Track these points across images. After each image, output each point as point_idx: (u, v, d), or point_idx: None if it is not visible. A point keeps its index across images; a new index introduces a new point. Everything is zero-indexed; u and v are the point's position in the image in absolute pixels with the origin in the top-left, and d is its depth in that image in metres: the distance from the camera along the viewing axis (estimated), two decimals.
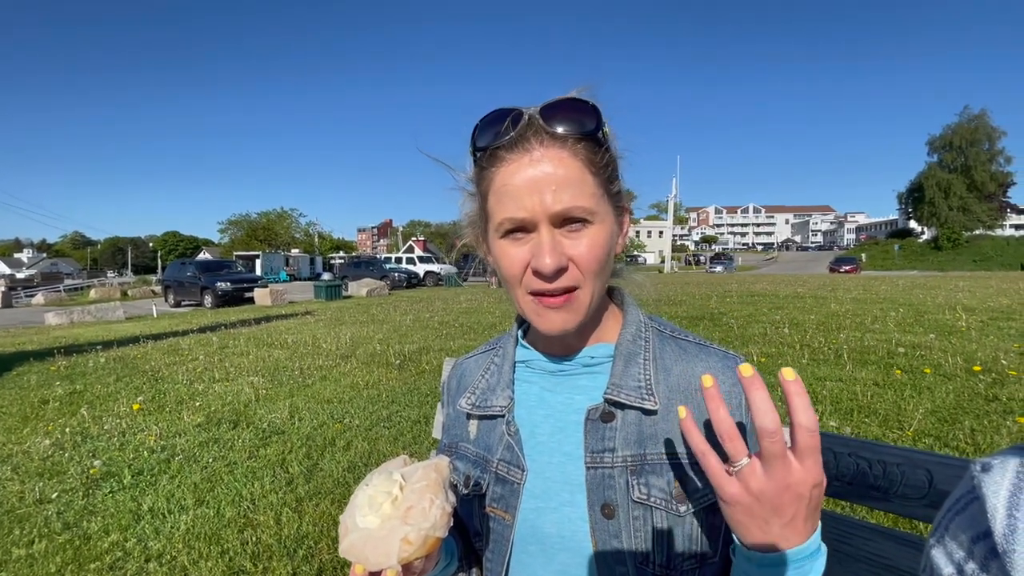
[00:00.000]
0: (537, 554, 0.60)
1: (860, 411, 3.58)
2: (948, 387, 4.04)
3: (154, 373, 5.76)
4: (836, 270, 35.78)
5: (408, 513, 0.45)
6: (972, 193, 47.07)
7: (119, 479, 2.97)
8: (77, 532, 2.42)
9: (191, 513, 2.55)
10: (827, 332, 6.83)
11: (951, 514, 0.38)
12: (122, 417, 4.14)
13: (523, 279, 0.56)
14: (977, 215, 47.31)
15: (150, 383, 5.30)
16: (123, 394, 4.87)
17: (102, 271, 79.60)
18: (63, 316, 12.65)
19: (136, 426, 3.91)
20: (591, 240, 0.54)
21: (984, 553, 0.34)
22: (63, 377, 5.67)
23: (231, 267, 19.66)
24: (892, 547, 0.80)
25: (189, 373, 5.68)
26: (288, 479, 2.92)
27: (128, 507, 2.64)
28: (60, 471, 3.11)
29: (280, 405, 4.35)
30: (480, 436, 0.68)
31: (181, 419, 4.05)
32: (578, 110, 0.55)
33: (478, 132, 0.57)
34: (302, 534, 2.35)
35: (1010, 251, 42.78)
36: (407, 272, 24.82)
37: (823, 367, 4.87)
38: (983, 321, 7.32)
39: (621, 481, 0.57)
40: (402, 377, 5.27)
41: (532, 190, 0.52)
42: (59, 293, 27.43)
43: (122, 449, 3.45)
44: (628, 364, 0.61)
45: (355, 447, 3.36)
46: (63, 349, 7.48)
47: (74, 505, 2.68)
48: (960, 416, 3.40)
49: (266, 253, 39.62)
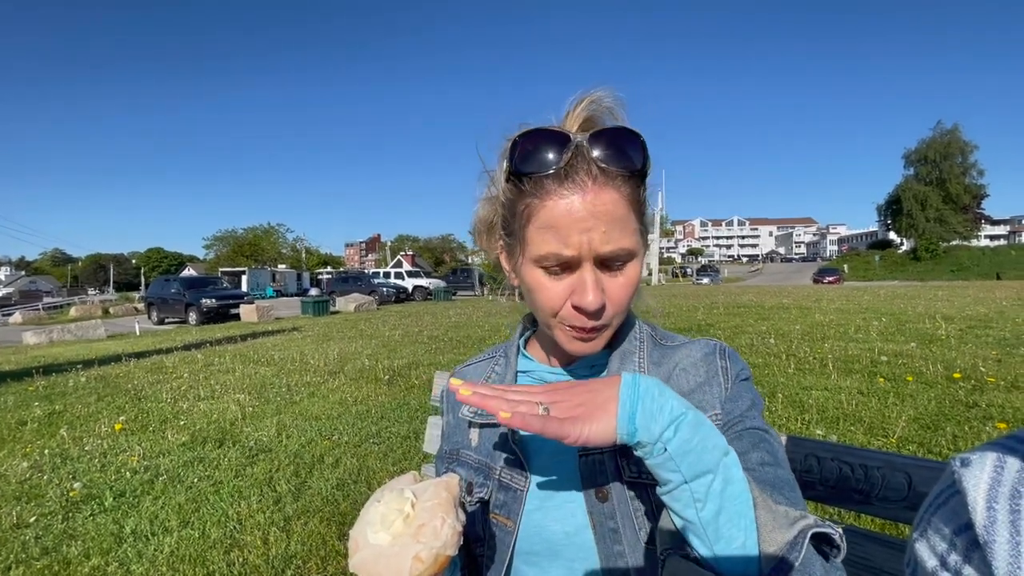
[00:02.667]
0: (544, 553, 0.61)
1: (846, 419, 3.63)
2: (930, 394, 4.12)
3: (137, 392, 5.64)
4: (820, 281, 36.37)
5: (420, 531, 0.46)
6: (947, 205, 48.40)
7: (100, 501, 2.89)
8: (56, 557, 2.34)
9: (175, 535, 2.49)
10: (812, 342, 6.94)
11: (933, 508, 0.40)
12: (103, 437, 4.04)
13: (560, 312, 0.57)
14: (953, 226, 48.60)
15: (133, 402, 5.19)
16: (104, 414, 4.76)
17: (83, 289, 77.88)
18: (42, 335, 12.35)
19: (118, 446, 3.82)
20: (628, 278, 0.56)
21: (966, 544, 0.36)
22: (42, 397, 5.53)
23: (216, 283, 19.41)
24: (876, 549, 0.82)
25: (173, 391, 5.57)
26: (276, 498, 2.87)
27: (110, 530, 2.57)
28: (38, 494, 3.02)
29: (267, 423, 4.28)
30: (482, 443, 0.69)
31: (165, 438, 3.97)
32: (629, 143, 0.53)
33: (519, 154, 0.54)
34: (290, 554, 2.30)
35: (985, 261, 43.93)
36: (396, 287, 24.69)
37: (809, 376, 4.94)
38: (962, 329, 7.49)
39: (611, 465, 0.59)
40: (391, 392, 5.22)
41: (581, 229, 0.52)
42: (38, 311, 26.80)
43: (103, 470, 3.37)
44: (623, 362, 0.64)
45: (344, 464, 3.31)
46: (41, 369, 7.29)
47: (53, 529, 2.60)
48: (942, 422, 3.46)
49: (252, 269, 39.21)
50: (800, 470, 0.90)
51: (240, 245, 53.08)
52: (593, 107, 0.57)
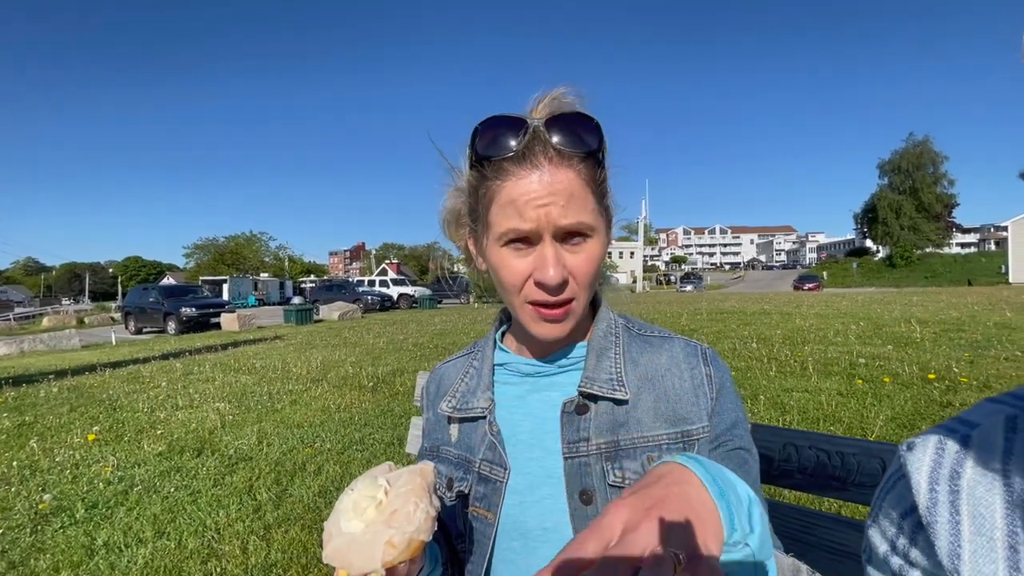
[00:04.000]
0: (519, 550, 0.60)
1: (826, 420, 3.69)
2: (906, 395, 4.22)
3: (112, 402, 5.49)
4: (800, 288, 37.04)
5: (393, 517, 0.45)
6: (920, 214, 49.84)
7: (71, 513, 2.80)
8: (23, 571, 2.25)
9: (150, 546, 2.42)
10: (793, 346, 7.06)
11: (883, 493, 0.40)
12: (76, 448, 3.92)
13: (523, 289, 0.58)
14: (926, 234, 50.02)
15: (107, 412, 5.04)
16: (77, 424, 4.61)
17: (56, 298, 75.77)
18: (12, 345, 11.96)
19: (91, 457, 3.71)
20: (589, 254, 0.57)
21: (912, 527, 0.37)
22: (11, 409, 5.34)
23: (197, 292, 19.02)
24: (851, 534, 0.84)
25: (150, 401, 5.43)
26: (256, 506, 2.80)
27: (81, 542, 2.48)
28: (6, 507, 2.91)
29: (248, 431, 4.20)
30: (461, 438, 0.68)
31: (141, 448, 3.86)
32: (583, 127, 0.55)
33: (480, 140, 0.57)
34: (270, 562, 2.25)
35: (957, 268, 45.24)
36: (380, 295, 24.51)
37: (790, 379, 5.02)
38: (936, 333, 7.69)
39: (597, 468, 0.59)
40: (375, 400, 5.16)
41: (538, 205, 0.53)
42: (8, 322, 26.02)
43: (75, 482, 3.26)
44: (600, 359, 0.64)
45: (326, 471, 3.26)
46: (11, 380, 7.06)
47: (20, 543, 2.50)
48: (918, 422, 3.54)
49: (234, 277, 38.57)
50: (779, 459, 0.91)
51: (221, 254, 52.22)
52: (556, 103, 0.58)
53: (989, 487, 0.34)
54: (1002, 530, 0.32)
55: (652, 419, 0.60)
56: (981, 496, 0.34)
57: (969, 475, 0.35)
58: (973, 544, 0.33)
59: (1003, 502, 0.33)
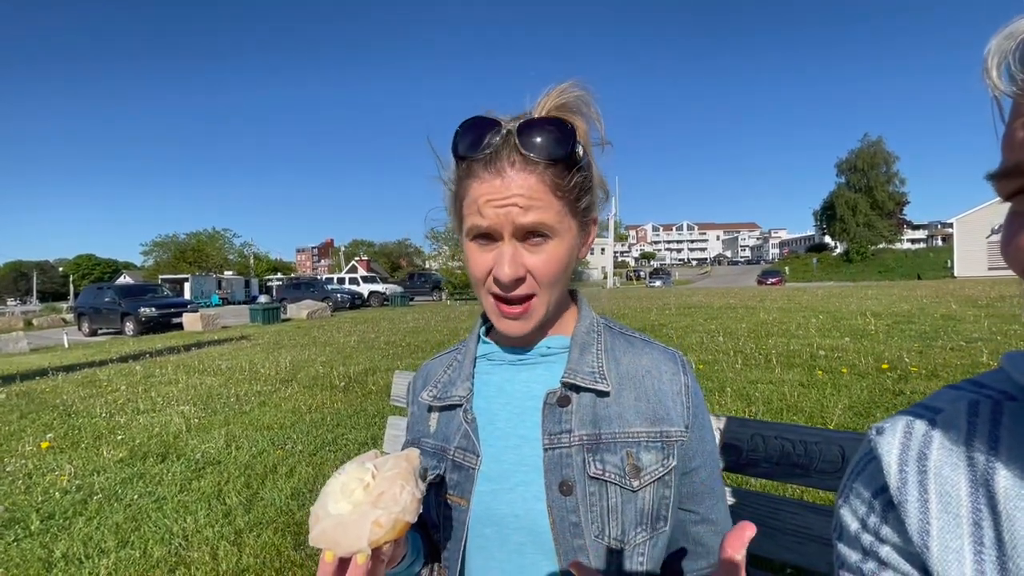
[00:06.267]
0: (492, 536, 0.62)
1: (789, 410, 3.85)
2: (862, 384, 4.43)
3: (67, 408, 5.23)
4: (763, 282, 38.18)
5: (379, 498, 0.46)
6: (875, 211, 52.04)
7: (25, 525, 2.66)
8: None
9: (113, 556, 2.33)
10: (757, 339, 7.31)
11: (854, 475, 0.43)
12: (28, 457, 3.72)
13: (486, 281, 0.60)
14: (880, 231, 52.32)
15: (61, 418, 4.81)
16: (28, 432, 4.38)
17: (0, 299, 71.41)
18: None
19: (45, 466, 3.53)
20: (549, 254, 0.59)
21: (882, 506, 0.39)
22: None
23: (156, 291, 18.21)
24: (814, 518, 0.89)
25: (109, 405, 5.20)
26: (225, 511, 2.73)
27: (37, 555, 2.37)
28: None
29: (215, 434, 4.07)
30: (439, 428, 0.69)
31: (100, 455, 3.70)
32: (553, 133, 0.56)
33: (459, 139, 0.59)
34: (242, 567, 2.20)
35: (908, 263, 47.51)
36: (351, 293, 24.01)
37: (755, 371, 5.20)
38: (889, 325, 8.09)
39: (578, 459, 0.60)
40: (348, 399, 5.09)
41: (497, 205, 0.56)
42: None
43: (28, 492, 3.10)
44: (583, 352, 0.66)
45: (299, 473, 3.20)
46: None
47: None
48: (872, 409, 3.73)
49: (196, 276, 37.10)
50: (747, 449, 0.96)
51: (182, 251, 50.06)
52: (563, 97, 0.60)
53: (954, 467, 0.36)
54: (967, 507, 0.35)
55: (633, 415, 0.62)
56: (947, 476, 0.36)
57: (936, 456, 0.37)
58: (940, 521, 0.35)
59: (967, 481, 0.35)
